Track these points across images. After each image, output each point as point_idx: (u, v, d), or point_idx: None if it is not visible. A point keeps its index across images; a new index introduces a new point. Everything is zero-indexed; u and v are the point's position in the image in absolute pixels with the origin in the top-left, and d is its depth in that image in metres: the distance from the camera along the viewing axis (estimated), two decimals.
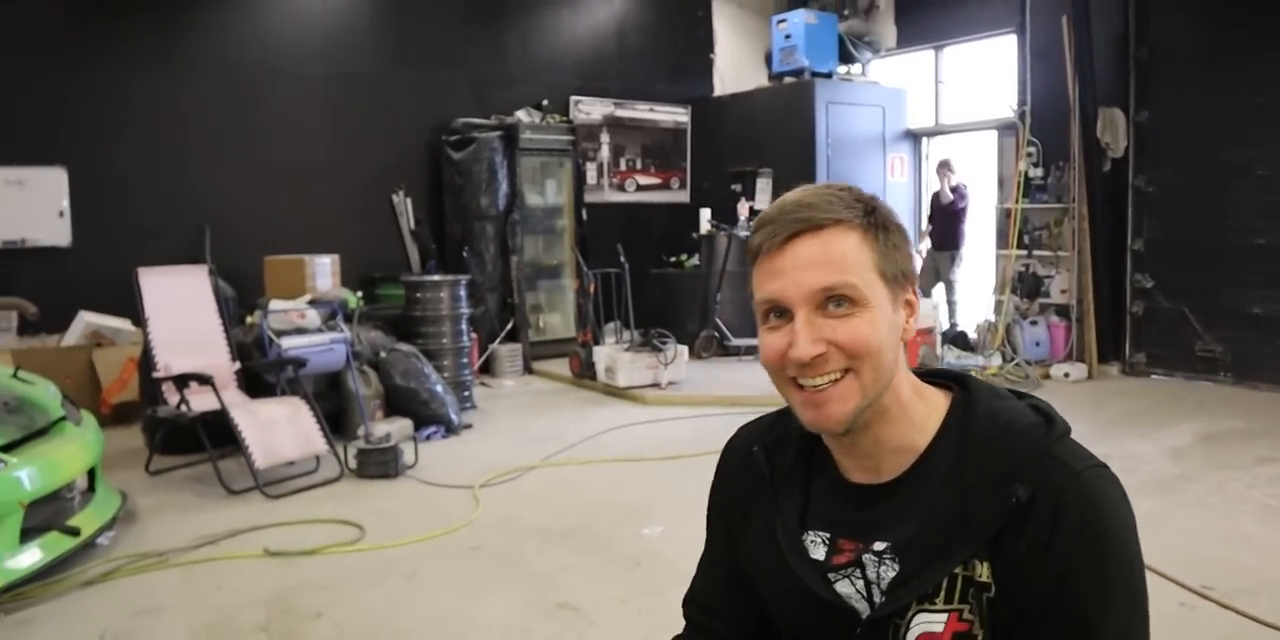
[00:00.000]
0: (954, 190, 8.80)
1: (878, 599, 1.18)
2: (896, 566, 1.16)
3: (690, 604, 1.45)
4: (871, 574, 1.18)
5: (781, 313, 1.15)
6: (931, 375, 1.28)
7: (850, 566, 1.20)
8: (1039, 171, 8.16)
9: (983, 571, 1.12)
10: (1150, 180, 7.85)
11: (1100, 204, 7.94)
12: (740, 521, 1.35)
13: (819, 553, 1.23)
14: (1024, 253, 8.26)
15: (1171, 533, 4.18)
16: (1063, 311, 8.19)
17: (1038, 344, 8.09)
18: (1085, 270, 7.99)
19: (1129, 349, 8.05)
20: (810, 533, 1.25)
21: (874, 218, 1.17)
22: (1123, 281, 8.03)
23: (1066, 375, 7.76)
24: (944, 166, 8.84)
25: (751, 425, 1.42)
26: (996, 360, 7.82)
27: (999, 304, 8.16)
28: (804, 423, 1.19)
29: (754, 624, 1.37)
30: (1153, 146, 7.80)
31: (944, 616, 1.13)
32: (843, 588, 1.20)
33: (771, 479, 1.31)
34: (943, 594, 1.13)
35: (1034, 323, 8.14)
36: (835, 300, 1.13)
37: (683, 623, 1.46)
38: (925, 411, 1.21)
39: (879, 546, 1.18)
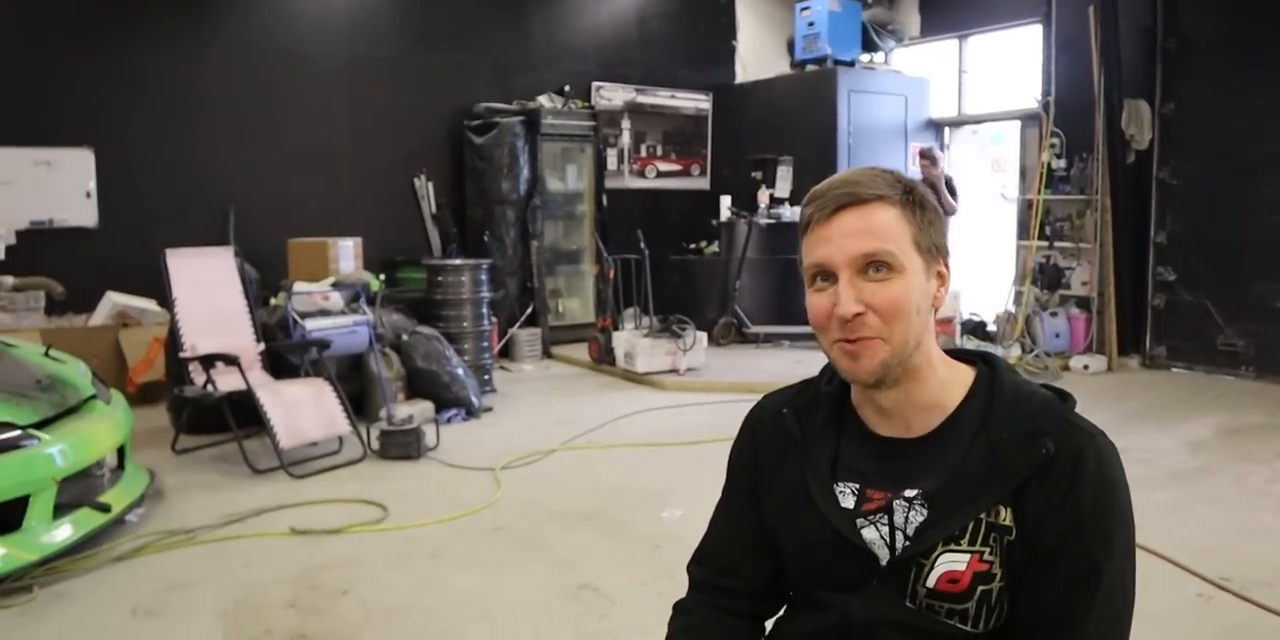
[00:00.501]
0: (933, 186, 8.14)
1: (899, 545, 1.29)
2: (925, 511, 1.28)
3: (700, 564, 1.54)
4: (899, 519, 1.30)
5: (827, 276, 1.29)
6: (958, 354, 1.41)
7: (878, 513, 1.31)
8: (1062, 163, 8.12)
9: (1006, 516, 1.25)
10: (1174, 173, 7.81)
11: (1123, 196, 7.90)
12: (769, 475, 1.45)
13: (848, 502, 1.34)
14: (1045, 244, 8.24)
15: (1190, 525, 4.19)
16: (1083, 303, 8.17)
17: (1057, 335, 8.08)
18: (1107, 262, 7.96)
19: (1149, 342, 8.03)
20: (840, 484, 1.36)
21: (912, 196, 1.31)
22: (1144, 274, 8.00)
23: (1086, 367, 7.75)
24: (925, 157, 8.34)
25: (777, 393, 1.54)
26: (1016, 351, 7.82)
27: (1019, 295, 8.15)
28: (842, 372, 1.32)
29: (770, 580, 1.47)
30: (1178, 139, 7.75)
31: (967, 556, 1.25)
32: (868, 534, 1.31)
33: (802, 437, 1.42)
34: (968, 536, 1.26)
35: (1054, 314, 8.12)
36: (875, 265, 1.27)
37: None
38: (952, 377, 1.35)
39: (909, 493, 1.30)
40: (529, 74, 9.26)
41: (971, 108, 9.74)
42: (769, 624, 1.52)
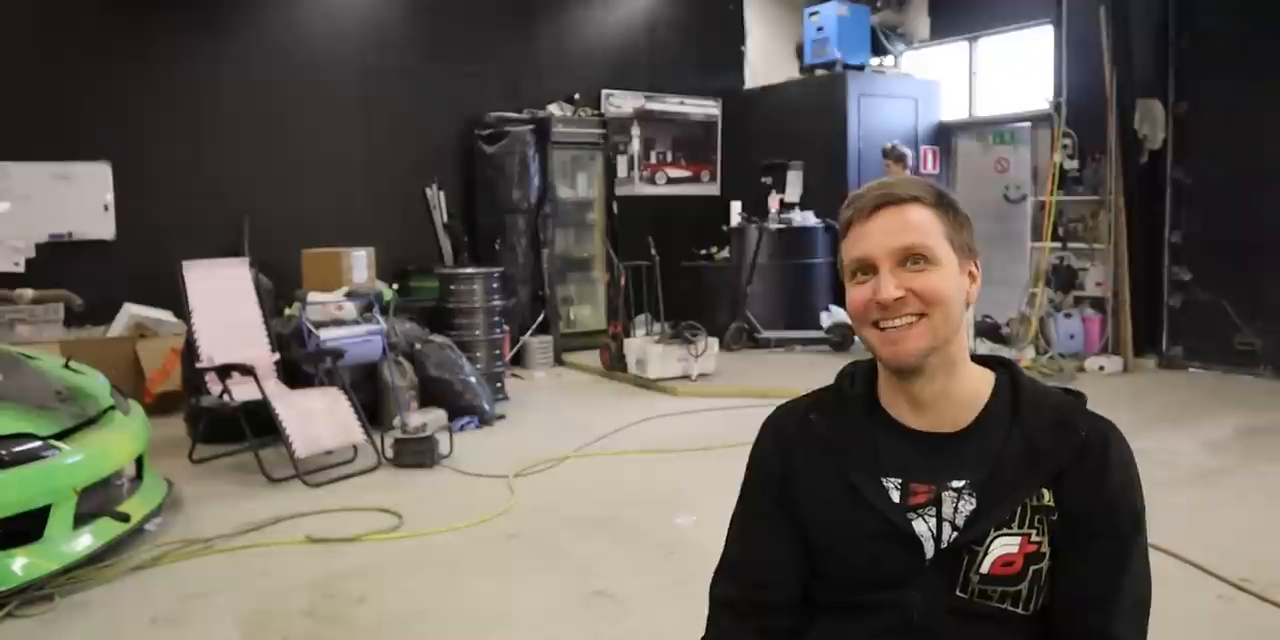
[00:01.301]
0: None
1: (945, 537, 1.34)
2: (974, 501, 1.34)
3: (729, 582, 1.50)
4: (948, 511, 1.35)
5: (868, 270, 1.38)
6: (978, 361, 1.48)
7: (927, 506, 1.36)
8: (1074, 163, 8.09)
9: (1048, 498, 1.34)
10: (1189, 172, 7.78)
11: (1137, 196, 7.88)
12: (806, 481, 1.46)
13: (895, 496, 1.38)
14: (1059, 245, 8.21)
15: (1210, 526, 4.17)
16: (1098, 304, 8.13)
17: (1072, 337, 8.05)
18: (1121, 263, 7.93)
19: (1166, 342, 7.98)
20: (884, 479, 1.40)
21: (944, 199, 1.41)
22: (1159, 274, 7.97)
23: (1101, 368, 7.71)
24: (890, 155, 8.15)
25: (793, 403, 1.56)
26: (1030, 353, 7.79)
27: (1033, 296, 8.12)
28: (883, 359, 1.39)
29: (803, 592, 1.45)
30: (1192, 138, 7.72)
31: (1018, 539, 1.33)
32: (917, 527, 1.36)
33: (835, 439, 1.45)
34: (1016, 520, 1.33)
35: (1068, 315, 8.09)
36: (913, 258, 1.35)
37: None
38: (978, 377, 1.44)
39: (957, 484, 1.36)
40: (539, 83, 9.29)
41: (983, 110, 9.73)
42: None
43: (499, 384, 7.07)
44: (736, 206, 9.40)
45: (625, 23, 9.97)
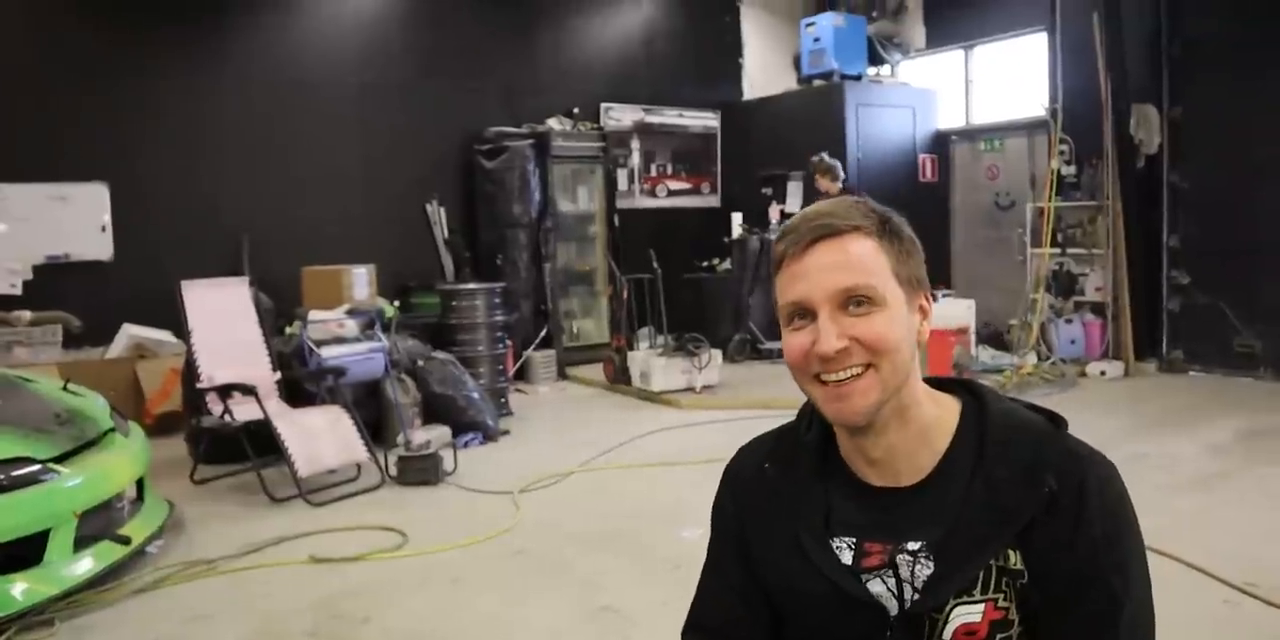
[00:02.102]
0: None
1: (908, 596, 1.23)
2: (932, 564, 1.22)
3: (696, 630, 1.45)
4: (905, 573, 1.23)
5: (805, 314, 1.23)
6: (938, 384, 1.34)
7: (883, 568, 1.24)
8: (1071, 169, 8.10)
9: (1015, 559, 1.19)
10: (1185, 176, 7.79)
11: (1134, 201, 7.89)
12: (759, 534, 1.37)
13: (846, 557, 1.27)
14: (1058, 251, 8.20)
15: (1213, 530, 4.15)
16: (1098, 309, 8.13)
17: (1073, 342, 8.04)
18: (1120, 267, 7.93)
19: (1166, 346, 7.98)
20: (835, 538, 1.29)
21: (889, 226, 1.26)
22: (1158, 278, 7.97)
23: (1103, 373, 7.70)
24: (817, 169, 7.98)
25: (752, 444, 1.47)
26: (1031, 359, 7.77)
27: (1033, 302, 8.11)
28: (828, 416, 1.26)
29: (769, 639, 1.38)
30: (1187, 142, 7.73)
31: (981, 606, 1.20)
32: (875, 587, 1.24)
33: (788, 492, 1.34)
34: (979, 585, 1.20)
35: (1069, 321, 8.09)
36: (855, 300, 1.21)
37: None
38: (939, 414, 1.28)
39: (912, 546, 1.23)
40: (537, 97, 9.31)
41: (979, 117, 9.75)
42: None
43: (503, 399, 7.06)
44: (737, 218, 9.41)
45: (623, 36, 10.00)
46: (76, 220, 7.26)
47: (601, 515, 4.71)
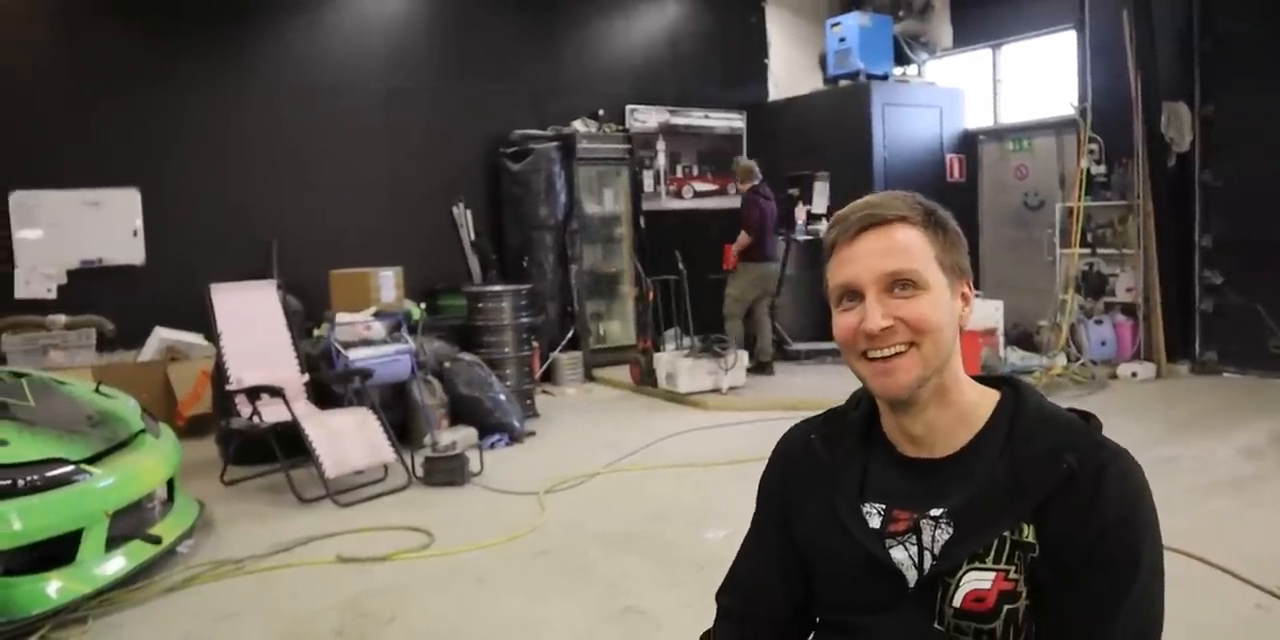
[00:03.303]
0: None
1: (927, 565, 1.29)
2: (951, 529, 1.29)
3: (729, 592, 1.55)
4: (926, 539, 1.30)
5: (854, 296, 1.32)
6: (983, 380, 1.42)
7: (907, 533, 1.32)
8: (1101, 168, 8.02)
9: (1029, 533, 1.25)
10: (1217, 174, 7.69)
11: (1166, 200, 7.80)
12: (798, 501, 1.47)
13: (875, 523, 1.35)
14: (1088, 251, 8.13)
15: (1246, 533, 4.10)
16: (1129, 310, 8.04)
17: (1103, 343, 7.95)
18: (1151, 267, 7.84)
19: (1199, 347, 7.88)
20: (866, 505, 1.37)
21: (933, 218, 1.35)
22: (1191, 278, 7.87)
23: (1134, 375, 7.61)
24: (740, 172, 8.31)
25: (801, 424, 1.56)
26: (1061, 360, 7.70)
27: (1063, 303, 8.04)
28: (874, 390, 1.34)
29: (798, 607, 1.47)
30: (1219, 140, 7.64)
31: (992, 575, 1.25)
32: (897, 554, 1.31)
33: (830, 462, 1.43)
34: (992, 554, 1.25)
35: (1099, 322, 8.00)
36: (900, 284, 1.30)
37: None
38: (978, 399, 1.37)
39: (935, 512, 1.31)
40: (563, 99, 9.34)
41: (1007, 117, 9.68)
42: None
43: (529, 401, 7.09)
44: None
45: (648, 38, 10.01)
46: (109, 225, 7.36)
47: (626, 516, 4.71)
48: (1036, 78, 9.37)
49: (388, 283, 7.32)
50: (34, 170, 7.07)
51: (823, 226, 8.95)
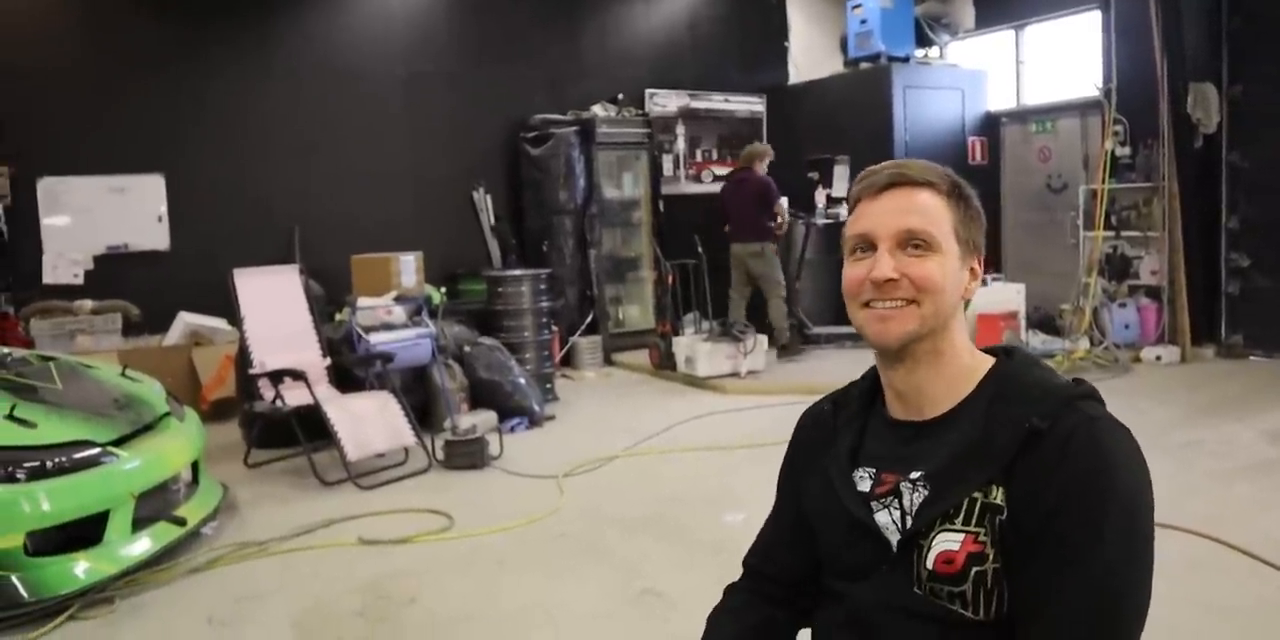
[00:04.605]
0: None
1: (908, 527, 1.31)
2: (926, 491, 1.30)
3: (751, 554, 1.63)
4: (907, 502, 1.32)
5: (868, 247, 1.35)
6: (986, 349, 1.43)
7: (889, 496, 1.34)
8: (1126, 150, 7.94)
9: (997, 495, 1.25)
10: (1245, 156, 7.60)
11: (1191, 182, 7.71)
12: (806, 469, 1.52)
13: (864, 486, 1.38)
14: (1111, 234, 8.05)
15: (1271, 518, 4.07)
16: (1153, 293, 7.97)
17: (1127, 327, 7.89)
18: (1176, 250, 7.76)
19: (1225, 330, 7.81)
20: (860, 469, 1.40)
21: (959, 190, 1.38)
22: (1217, 261, 7.79)
23: (1158, 358, 7.55)
24: (758, 153, 8.17)
25: (829, 394, 1.59)
26: (1084, 344, 7.64)
27: (1086, 286, 7.97)
28: (868, 338, 1.36)
29: (805, 573, 1.51)
30: (1247, 121, 7.55)
31: (961, 537, 1.26)
32: (881, 518, 1.34)
33: (834, 428, 1.48)
34: (962, 515, 1.26)
35: (1123, 305, 7.94)
36: (914, 242, 1.33)
37: None
38: (972, 364, 1.38)
39: (915, 475, 1.32)
40: (582, 84, 9.32)
41: (1030, 98, 9.59)
42: None
43: (548, 385, 7.11)
44: (784, 202, 9.33)
45: (667, 21, 9.96)
46: (134, 212, 7.44)
47: (645, 500, 4.74)
48: (1060, 59, 9.26)
49: (408, 267, 7.35)
50: (61, 157, 7.14)
51: (842, 210, 8.92)
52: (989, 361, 1.39)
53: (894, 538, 1.32)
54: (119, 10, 7.37)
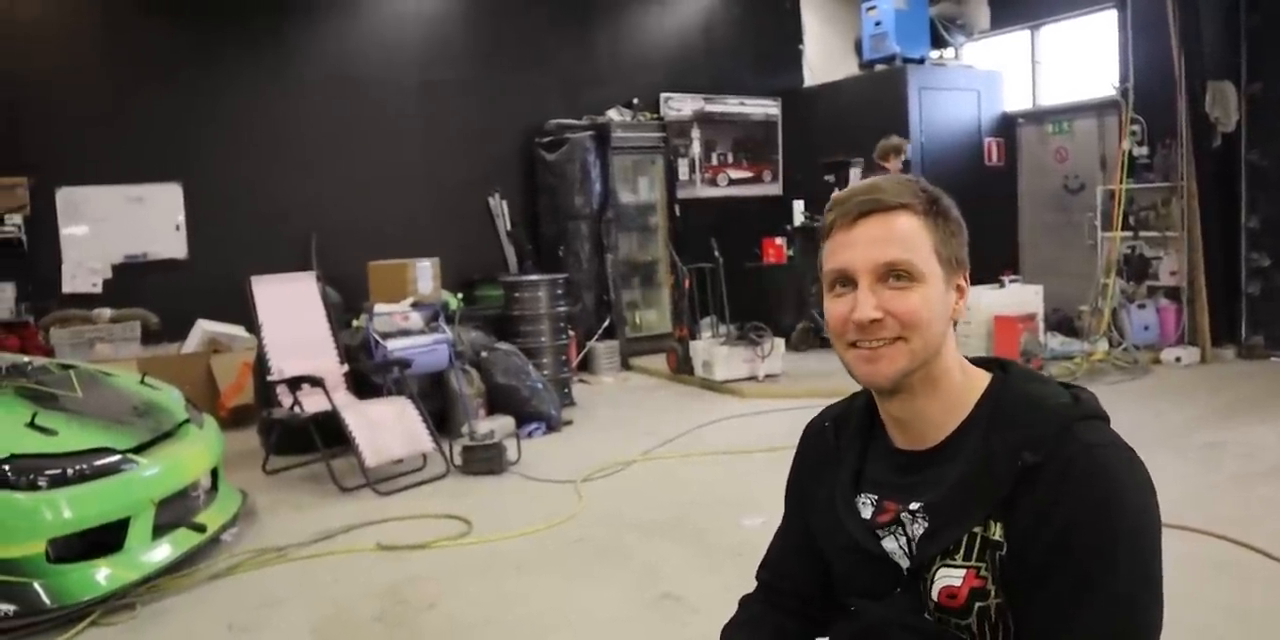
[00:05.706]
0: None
1: (914, 556, 1.30)
2: (926, 523, 1.28)
3: (763, 568, 1.62)
4: (909, 532, 1.30)
5: (846, 282, 1.29)
6: (978, 362, 1.39)
7: (892, 525, 1.32)
8: (1144, 150, 7.89)
9: (996, 531, 1.22)
10: (1265, 155, 7.54)
11: (1210, 181, 7.65)
12: (810, 488, 1.49)
13: (867, 512, 1.36)
14: (1130, 234, 8.00)
15: None
16: (1172, 294, 7.91)
17: (1146, 328, 7.83)
18: (1196, 250, 7.70)
19: (1245, 331, 7.75)
20: (862, 495, 1.38)
21: (936, 206, 1.30)
22: (1237, 261, 7.73)
23: (1178, 360, 7.50)
24: (892, 148, 7.67)
25: (828, 407, 1.57)
26: (1103, 346, 7.59)
27: (1105, 287, 7.92)
28: (857, 378, 1.33)
29: (817, 586, 1.51)
30: (1266, 119, 7.49)
31: (962, 572, 1.24)
32: (888, 544, 1.32)
33: (836, 448, 1.46)
34: (962, 550, 1.24)
35: (1142, 306, 7.88)
36: (895, 274, 1.26)
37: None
38: (967, 385, 1.33)
39: (914, 506, 1.30)
40: (597, 89, 9.33)
41: (1047, 99, 9.54)
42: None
43: (566, 389, 7.12)
44: (799, 206, 9.33)
45: (681, 25, 9.97)
46: (152, 220, 7.49)
47: (663, 504, 4.73)
48: (1076, 59, 9.21)
49: (425, 273, 7.37)
50: (79, 167, 7.20)
51: None
52: (983, 377, 1.35)
53: (904, 563, 1.30)
54: (135, 21, 7.42)
